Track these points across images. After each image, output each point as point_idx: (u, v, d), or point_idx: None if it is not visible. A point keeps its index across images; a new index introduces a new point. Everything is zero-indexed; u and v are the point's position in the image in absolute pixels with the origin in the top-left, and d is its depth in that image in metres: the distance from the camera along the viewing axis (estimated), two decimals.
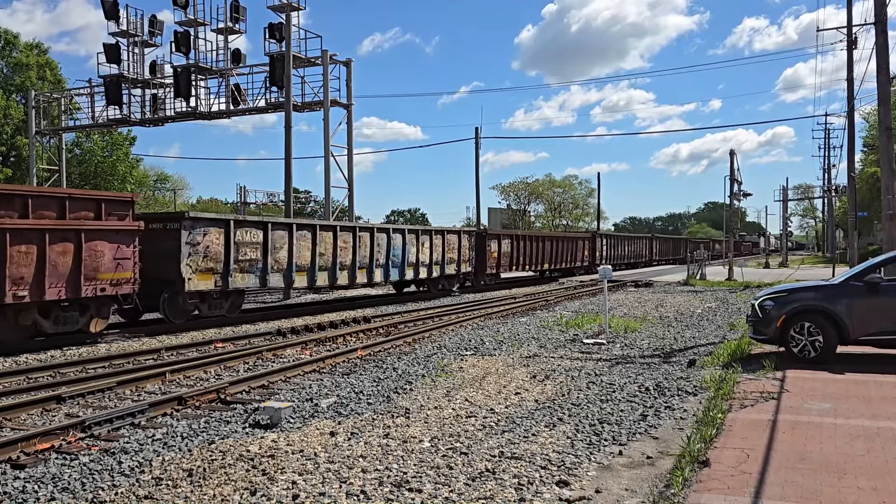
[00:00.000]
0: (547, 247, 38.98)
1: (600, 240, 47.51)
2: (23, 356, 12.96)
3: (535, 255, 37.55)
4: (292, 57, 29.78)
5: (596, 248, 46.03)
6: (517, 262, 35.26)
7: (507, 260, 34.28)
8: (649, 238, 62.10)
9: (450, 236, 28.51)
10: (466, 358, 12.05)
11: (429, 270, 26.92)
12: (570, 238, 43.78)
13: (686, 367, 10.88)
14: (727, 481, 5.50)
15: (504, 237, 34.60)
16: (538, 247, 37.91)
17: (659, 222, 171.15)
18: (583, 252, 44.08)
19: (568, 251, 41.74)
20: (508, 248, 34.49)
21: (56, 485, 5.81)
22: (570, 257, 42.04)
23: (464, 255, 29.36)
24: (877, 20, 18.24)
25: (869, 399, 8.31)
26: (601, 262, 45.20)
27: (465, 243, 29.68)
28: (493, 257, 32.69)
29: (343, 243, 21.97)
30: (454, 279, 29.39)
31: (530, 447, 6.63)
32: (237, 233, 17.96)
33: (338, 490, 5.52)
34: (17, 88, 48.05)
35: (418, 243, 26.03)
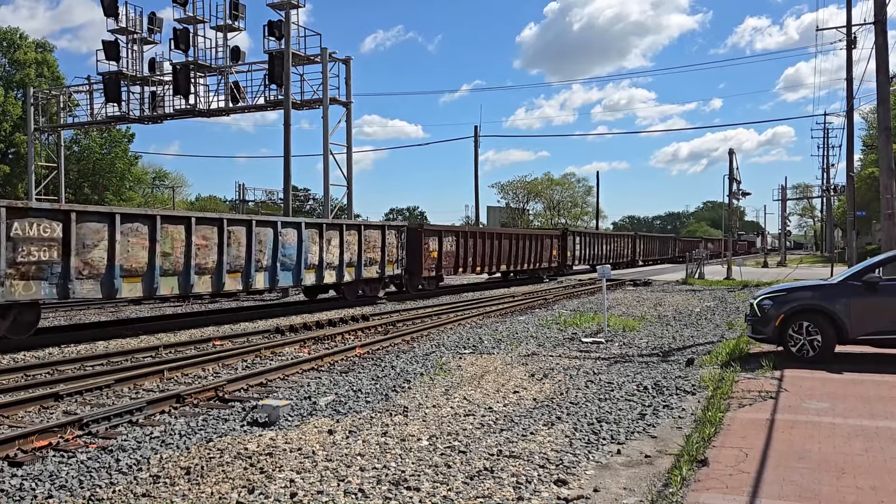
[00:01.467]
0: (505, 245, 33.85)
1: (573, 238, 42.53)
2: (21, 353, 12.95)
3: (491, 255, 32.77)
4: (292, 55, 29.75)
5: (568, 247, 41.31)
6: (466, 263, 30.45)
7: (452, 261, 29.37)
8: (632, 237, 57.56)
9: (370, 232, 23.83)
10: (465, 356, 12.04)
11: (339, 273, 21.96)
12: (535, 236, 37.99)
13: (685, 366, 10.88)
14: (726, 480, 5.50)
15: (447, 234, 29.54)
16: (494, 245, 32.92)
17: (658, 221, 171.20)
18: (551, 252, 39.03)
19: (532, 251, 36.74)
20: (453, 247, 29.52)
21: (54, 482, 5.80)
22: (535, 258, 37.06)
23: (390, 254, 24.65)
24: (876, 20, 18.24)
25: (867, 398, 8.31)
26: (575, 262, 42.14)
27: (392, 241, 25.02)
28: (433, 257, 27.83)
29: (202, 240, 17.00)
30: (377, 283, 24.59)
31: (528, 446, 6.62)
32: (16, 225, 13.18)
33: (336, 488, 5.52)
34: (16, 85, 47.98)
35: (322, 240, 21.14)
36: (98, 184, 53.28)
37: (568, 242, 41.19)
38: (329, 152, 30.85)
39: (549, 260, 38.57)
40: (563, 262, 40.50)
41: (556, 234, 40.64)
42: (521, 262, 35.48)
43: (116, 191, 54.23)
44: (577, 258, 42.56)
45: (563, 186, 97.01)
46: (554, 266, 39.56)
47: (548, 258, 38.31)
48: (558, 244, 39.99)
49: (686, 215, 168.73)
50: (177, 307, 23.02)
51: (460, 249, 29.94)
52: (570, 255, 41.38)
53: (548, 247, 38.44)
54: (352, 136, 32.65)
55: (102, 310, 21.74)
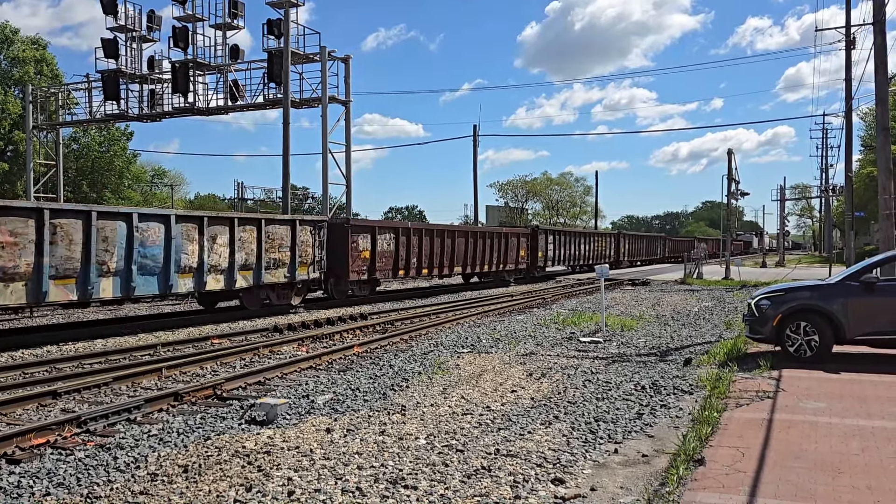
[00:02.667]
0: (460, 245, 29.56)
1: (545, 237, 38.27)
2: (19, 351, 12.95)
3: (442, 256, 28.20)
4: (291, 53, 29.75)
5: (539, 246, 37.01)
6: (409, 265, 26.24)
7: (390, 262, 25.07)
8: (615, 236, 53.67)
9: (274, 228, 19.34)
10: (463, 355, 12.05)
11: (228, 278, 17.77)
12: (498, 234, 33.59)
13: (682, 366, 10.90)
14: (722, 480, 5.51)
15: (383, 231, 25.03)
16: (446, 244, 28.48)
17: (656, 221, 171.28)
18: (517, 252, 34.82)
19: (495, 251, 32.57)
20: (391, 246, 25.11)
21: (51, 480, 5.80)
22: (498, 259, 32.86)
23: (303, 254, 20.42)
24: (875, 21, 18.26)
25: (864, 398, 8.33)
26: (547, 263, 38.38)
27: (307, 239, 20.65)
28: (363, 258, 23.46)
29: (8, 237, 13.00)
30: (286, 290, 20.45)
31: (526, 445, 6.63)
32: None
33: (333, 486, 5.52)
34: (14, 83, 47.93)
35: (203, 238, 16.92)
36: (97, 182, 53.20)
37: (539, 241, 37.06)
38: (328, 151, 30.85)
39: (516, 261, 34.49)
40: (532, 264, 36.62)
41: (525, 233, 36.25)
42: (481, 263, 31.36)
43: (115, 189, 54.17)
44: (550, 259, 38.59)
45: (561, 186, 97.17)
46: (522, 268, 35.52)
47: (514, 259, 34.26)
48: (527, 243, 35.87)
49: (685, 215, 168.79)
50: (175, 305, 23.03)
51: (401, 249, 25.54)
52: (542, 255, 37.25)
53: (514, 246, 34.25)
54: (351, 135, 32.68)
55: (101, 308, 21.74)
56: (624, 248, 52.78)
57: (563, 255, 40.81)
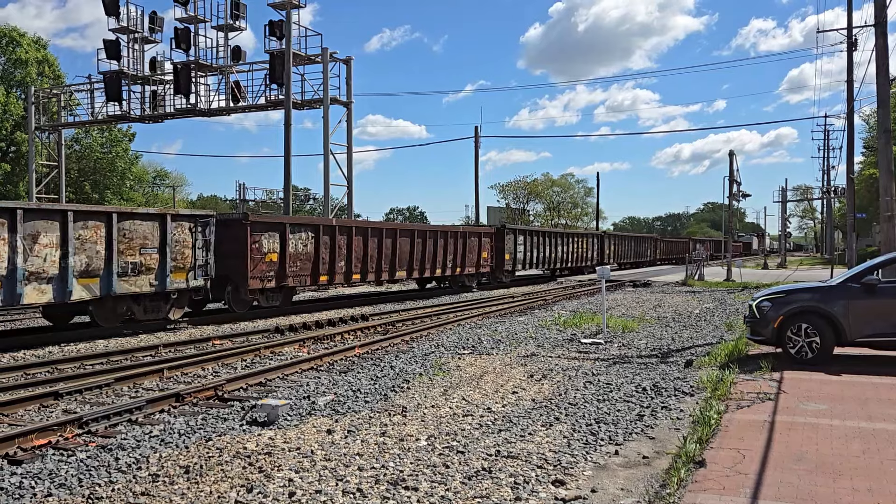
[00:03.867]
0: (404, 246, 25.32)
1: (513, 237, 33.75)
2: (21, 352, 12.97)
3: (380, 259, 23.90)
4: (293, 54, 29.79)
5: (506, 247, 32.89)
6: (334, 270, 21.76)
7: (307, 266, 20.76)
8: (598, 236, 48.79)
9: (133, 225, 15.33)
10: (464, 357, 12.06)
11: (59, 289, 13.83)
12: (454, 233, 29.00)
13: (683, 368, 10.90)
14: (723, 482, 5.52)
15: (297, 229, 20.34)
16: (385, 245, 24.15)
17: (658, 222, 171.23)
18: (479, 254, 30.78)
19: (450, 253, 28.27)
20: (308, 247, 20.78)
21: (53, 481, 5.82)
22: (455, 261, 28.74)
23: (180, 258, 16.27)
24: (877, 22, 18.26)
25: (865, 400, 8.33)
26: (517, 267, 34.43)
27: (183, 238, 16.37)
28: (270, 262, 19.33)
29: None
30: (158, 302, 16.29)
31: (527, 446, 6.64)
32: None
33: (334, 488, 5.53)
34: (17, 84, 48.02)
35: (14, 237, 12.96)
36: (99, 183, 53.28)
37: (506, 242, 33.00)
38: (329, 152, 30.90)
39: (477, 264, 30.72)
40: (498, 267, 32.79)
41: (488, 232, 32.15)
42: (432, 267, 27.26)
43: (117, 190, 54.25)
44: (520, 261, 34.48)
45: (562, 187, 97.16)
46: (485, 271, 31.91)
47: (474, 262, 30.45)
48: (491, 244, 31.93)
49: (686, 217, 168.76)
50: None
51: (323, 251, 21.24)
52: (510, 257, 33.29)
53: (474, 247, 30.42)
54: (352, 136, 32.76)
55: None
56: (609, 250, 48.66)
57: (537, 257, 36.56)
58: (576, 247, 42.46)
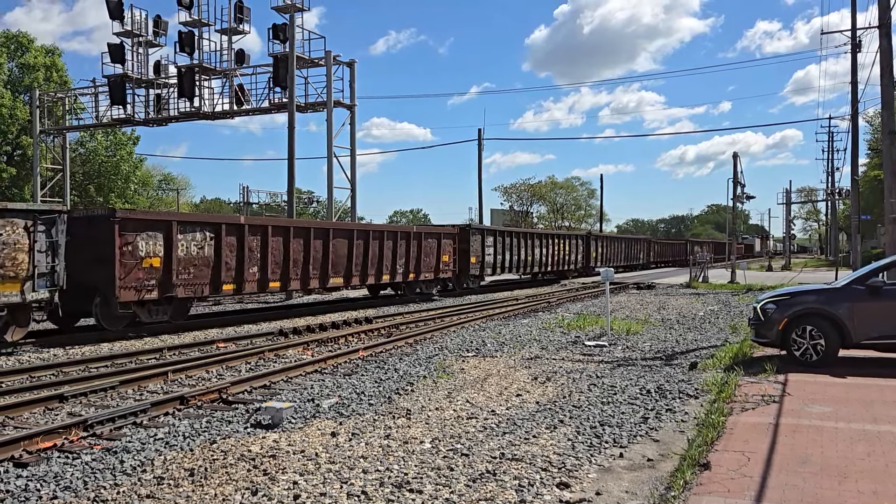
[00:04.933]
0: (340, 248, 21.58)
1: (480, 238, 30.56)
2: (25, 355, 13.00)
3: (306, 264, 20.20)
4: (296, 58, 29.84)
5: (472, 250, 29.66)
6: (240, 277, 18.00)
7: (205, 273, 17.06)
8: (584, 238, 44.66)
9: None
10: (468, 359, 12.06)
11: None
12: (405, 234, 25.26)
13: (687, 370, 10.88)
14: (728, 484, 5.51)
15: (190, 227, 16.76)
16: (313, 248, 20.42)
17: (662, 224, 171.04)
18: (438, 257, 27.05)
19: (401, 256, 24.59)
20: (206, 251, 17.09)
21: (58, 483, 5.83)
22: (408, 266, 25.09)
23: (9, 264, 12.90)
24: (881, 24, 18.25)
25: (870, 402, 8.31)
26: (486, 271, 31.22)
27: (15, 239, 13.01)
28: (150, 268, 15.74)
29: None
30: None
31: (531, 449, 6.64)
32: None
33: (339, 490, 5.54)
34: (24, 89, 48.19)
35: None
36: (103, 186, 53.40)
37: (472, 244, 29.80)
38: (333, 155, 30.95)
39: (437, 269, 27.00)
40: (463, 271, 29.36)
41: (450, 233, 28.36)
42: (379, 272, 23.50)
43: (121, 193, 54.38)
44: (489, 265, 31.35)
45: (566, 189, 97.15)
46: (446, 277, 28.17)
47: (432, 266, 26.74)
48: (453, 246, 28.27)
49: (690, 218, 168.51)
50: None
51: (227, 254, 17.51)
52: (476, 260, 30.11)
53: (432, 250, 26.64)
54: (355, 139, 32.78)
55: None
56: (596, 252, 45.13)
57: (511, 261, 33.29)
58: (558, 248, 39.05)
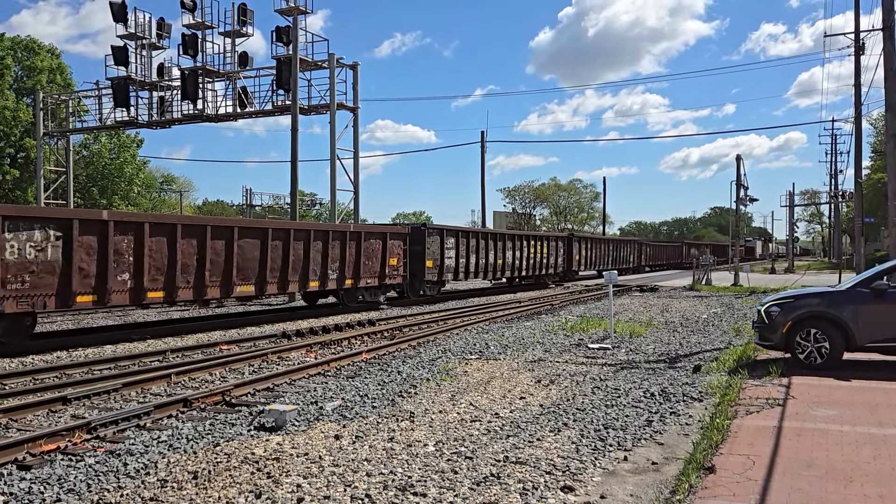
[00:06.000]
0: (249, 250, 18.02)
1: (438, 239, 27.23)
2: (29, 357, 13.01)
3: (203, 268, 16.62)
4: (299, 60, 29.87)
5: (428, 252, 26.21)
6: (103, 285, 14.49)
7: (44, 280, 13.54)
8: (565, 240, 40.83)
9: None
10: (471, 362, 12.04)
11: None
12: (339, 233, 21.53)
13: (691, 373, 10.86)
14: (733, 488, 5.49)
15: (25, 225, 13.21)
16: (212, 250, 16.85)
17: (665, 227, 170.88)
18: (384, 261, 23.36)
19: (335, 260, 21.10)
20: (52, 253, 13.63)
21: (62, 486, 5.83)
22: (344, 271, 21.49)
23: None
24: (884, 26, 18.21)
25: (875, 406, 8.28)
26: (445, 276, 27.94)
27: None
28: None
29: None
30: None
31: (535, 452, 6.62)
32: None
33: (342, 493, 5.53)
34: (28, 91, 48.31)
35: None
36: (107, 188, 53.52)
37: (429, 245, 26.40)
38: (336, 157, 30.95)
39: (382, 274, 23.15)
40: (417, 276, 26.07)
41: (399, 233, 24.80)
42: (304, 278, 19.89)
43: (125, 195, 54.49)
44: (449, 269, 27.99)
45: (569, 192, 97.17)
46: (394, 283, 24.34)
47: (376, 271, 22.93)
48: (403, 248, 24.66)
49: (693, 221, 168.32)
50: (184, 311, 23.10)
51: (83, 258, 14.13)
52: (433, 264, 26.79)
53: (375, 252, 22.91)
54: (359, 142, 32.76)
55: (110, 314, 21.83)
56: (580, 255, 41.74)
57: (478, 265, 30.02)
58: (534, 251, 35.48)
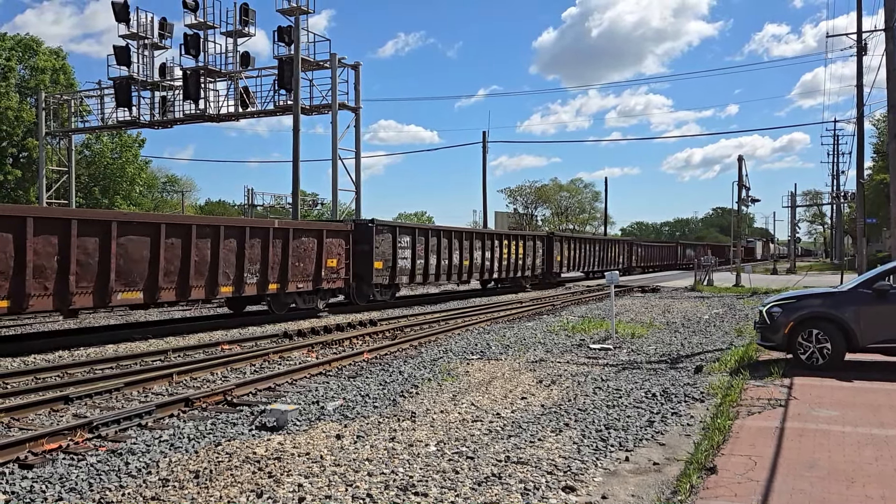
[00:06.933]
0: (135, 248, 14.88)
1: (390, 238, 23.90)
2: (31, 356, 13.03)
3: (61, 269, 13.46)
4: (301, 60, 29.89)
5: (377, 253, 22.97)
6: None
7: None
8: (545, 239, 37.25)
9: None
10: (472, 362, 12.04)
11: None
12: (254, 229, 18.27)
13: (693, 374, 10.85)
14: (734, 488, 5.48)
15: None
16: (62, 246, 13.49)
17: (666, 227, 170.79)
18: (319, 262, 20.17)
19: (253, 260, 17.86)
20: None
21: (63, 485, 5.83)
22: (263, 273, 18.13)
23: None
24: (887, 27, 18.19)
25: (877, 407, 8.27)
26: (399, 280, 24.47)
27: None
28: None
29: None
30: None
31: (536, 452, 6.62)
32: None
33: (343, 493, 5.53)
34: (31, 92, 48.38)
35: None
36: (108, 188, 53.58)
37: (378, 245, 23.06)
38: (338, 157, 30.97)
39: (317, 277, 20.11)
40: (364, 279, 22.69)
41: (338, 230, 21.40)
42: (212, 282, 16.77)
43: (127, 195, 54.55)
44: (404, 272, 24.69)
45: (570, 192, 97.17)
46: (334, 287, 21.19)
47: (309, 274, 19.84)
48: (345, 248, 21.48)
49: (695, 221, 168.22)
50: (185, 311, 23.12)
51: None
52: (382, 265, 23.40)
53: (308, 253, 19.76)
54: (360, 142, 32.81)
55: (112, 314, 21.85)
56: (562, 256, 38.26)
57: (440, 267, 26.97)
58: (508, 251, 32.46)
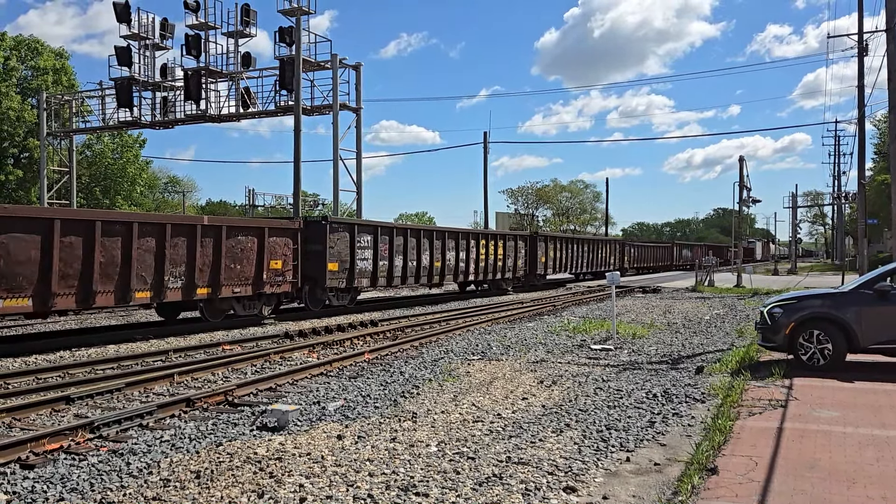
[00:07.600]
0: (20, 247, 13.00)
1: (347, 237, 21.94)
2: (32, 357, 13.04)
3: None
4: (303, 61, 29.91)
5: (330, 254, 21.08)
6: None
7: None
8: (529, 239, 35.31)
9: None
10: (473, 362, 12.04)
11: None
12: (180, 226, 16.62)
13: (694, 374, 10.85)
14: (735, 489, 5.48)
15: None
16: None
17: (667, 228, 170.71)
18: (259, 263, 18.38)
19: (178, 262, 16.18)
20: None
21: (65, 485, 5.84)
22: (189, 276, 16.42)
23: None
24: (888, 28, 18.18)
25: (878, 407, 8.26)
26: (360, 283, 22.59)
27: None
28: None
29: None
30: None
31: (537, 453, 6.62)
32: None
33: (345, 493, 5.53)
34: (32, 92, 48.42)
35: None
36: (109, 188, 53.59)
37: (333, 244, 21.35)
38: (339, 158, 30.98)
39: (258, 280, 18.50)
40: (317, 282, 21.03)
41: (283, 228, 19.67)
42: (125, 285, 14.94)
43: (128, 195, 54.56)
44: (365, 274, 22.84)
45: (571, 193, 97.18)
46: (278, 291, 19.43)
47: (248, 276, 18.29)
48: (292, 248, 19.72)
49: (696, 222, 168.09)
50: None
51: None
52: (338, 267, 21.68)
53: (247, 253, 18.21)
54: (361, 142, 32.81)
55: (113, 314, 21.87)
56: (546, 257, 36.24)
57: (407, 269, 24.97)
58: (486, 252, 30.18)
